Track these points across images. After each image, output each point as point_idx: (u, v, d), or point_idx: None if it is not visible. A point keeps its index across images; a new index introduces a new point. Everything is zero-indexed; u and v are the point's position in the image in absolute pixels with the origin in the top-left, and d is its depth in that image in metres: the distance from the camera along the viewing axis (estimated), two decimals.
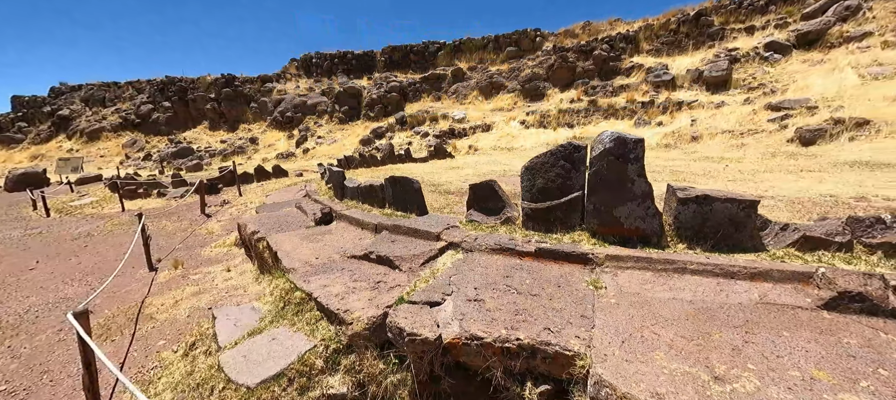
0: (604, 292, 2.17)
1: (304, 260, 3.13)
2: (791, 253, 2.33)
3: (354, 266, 2.87)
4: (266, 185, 9.46)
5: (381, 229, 3.58)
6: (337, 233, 3.85)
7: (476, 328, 1.89)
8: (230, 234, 5.75)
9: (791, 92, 12.22)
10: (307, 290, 2.50)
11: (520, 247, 2.74)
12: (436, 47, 23.55)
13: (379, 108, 21.20)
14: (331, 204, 4.80)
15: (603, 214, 2.69)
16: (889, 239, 2.24)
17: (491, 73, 20.93)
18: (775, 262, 2.20)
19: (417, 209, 3.84)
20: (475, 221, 3.39)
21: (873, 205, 3.78)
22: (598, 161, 2.61)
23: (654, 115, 15.08)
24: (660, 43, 18.61)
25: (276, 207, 5.87)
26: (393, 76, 22.99)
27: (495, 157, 13.64)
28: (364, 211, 4.23)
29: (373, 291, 2.42)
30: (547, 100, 18.95)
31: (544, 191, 2.96)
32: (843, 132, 9.02)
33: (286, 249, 3.46)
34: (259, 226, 4.48)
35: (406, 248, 3.02)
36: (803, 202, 3.97)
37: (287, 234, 3.97)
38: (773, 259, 2.27)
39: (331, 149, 18.41)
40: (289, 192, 7.49)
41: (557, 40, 21.68)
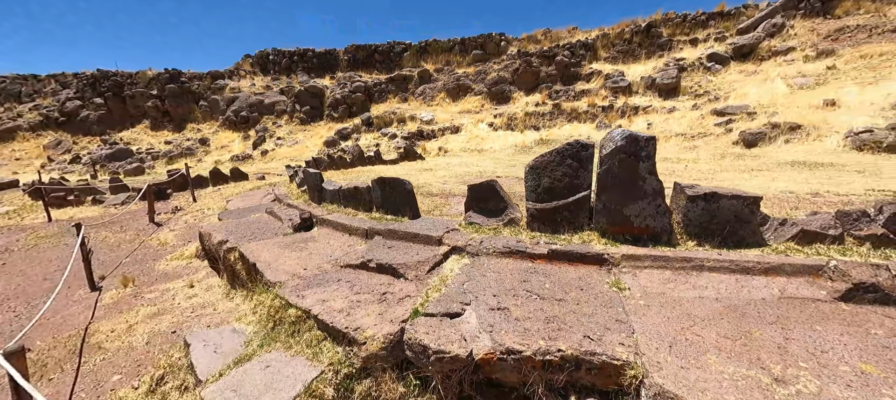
0: (629, 294, 2.11)
1: (290, 271, 2.79)
2: (792, 247, 2.42)
3: (352, 276, 2.59)
4: (224, 190, 8.65)
5: (373, 234, 3.31)
6: (321, 240, 3.52)
7: (510, 341, 1.72)
8: (188, 244, 5.12)
9: (732, 99, 13.41)
10: (303, 306, 2.19)
11: (531, 249, 2.63)
12: (401, 48, 23.19)
13: (343, 108, 20.44)
14: (308, 208, 4.41)
15: (612, 212, 2.65)
16: (874, 231, 2.39)
17: (458, 75, 20.98)
18: (783, 256, 2.26)
19: (410, 212, 3.61)
20: (475, 223, 3.23)
21: (828, 200, 4.11)
22: (609, 159, 2.56)
23: (613, 118, 15.89)
24: (616, 51, 19.71)
25: (242, 212, 5.33)
26: (357, 76, 22.30)
27: (466, 158, 13.62)
28: (349, 215, 3.92)
29: (380, 303, 2.17)
30: (513, 103, 19.32)
31: (550, 190, 2.87)
32: (779, 135, 10.01)
33: (266, 259, 3.08)
34: (227, 234, 4.00)
35: (407, 254, 2.79)
36: (769, 199, 4.26)
37: (263, 242, 3.56)
38: (778, 253, 2.33)
39: (292, 150, 17.43)
40: (253, 196, 6.87)
41: (521, 45, 22.24)
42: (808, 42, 15.02)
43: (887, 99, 9.95)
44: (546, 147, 14.80)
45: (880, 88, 10.55)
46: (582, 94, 17.83)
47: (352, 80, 21.73)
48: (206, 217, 6.50)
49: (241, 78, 23.09)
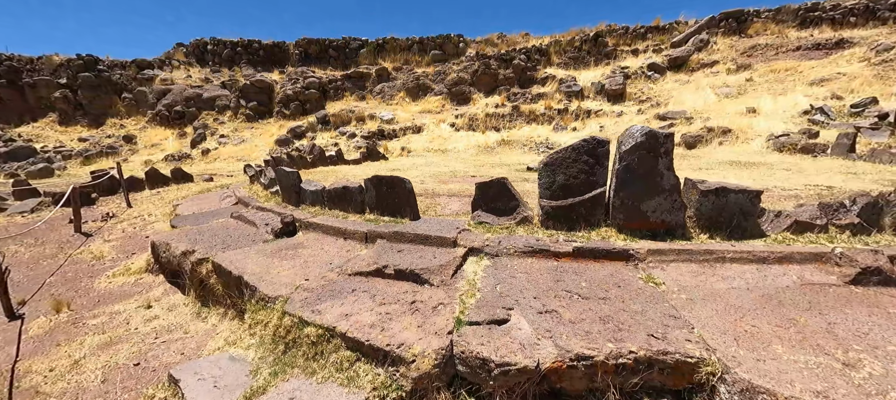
0: (666, 288, 2.11)
1: (289, 283, 2.43)
2: (788, 237, 2.61)
3: (367, 285, 2.32)
4: (166, 193, 7.58)
5: (375, 238, 3.04)
6: (312, 246, 3.15)
7: (577, 345, 1.62)
8: (133, 257, 4.36)
9: (671, 105, 14.77)
10: (324, 323, 1.90)
11: (554, 247, 2.56)
12: (357, 44, 22.35)
13: (295, 105, 19.18)
14: (288, 211, 3.97)
15: (630, 208, 2.67)
16: (852, 220, 2.66)
17: (417, 74, 20.73)
18: (788, 246, 2.42)
19: (410, 213, 3.38)
20: (485, 222, 3.10)
21: (776, 194, 4.60)
22: (629, 155, 2.58)
23: (568, 121, 16.70)
24: (567, 57, 20.80)
25: (200, 218, 4.65)
26: (310, 71, 21.06)
27: (432, 158, 13.47)
28: (339, 218, 3.58)
29: (414, 314, 1.95)
30: (473, 103, 19.53)
31: (566, 187, 2.83)
32: (714, 138, 11.19)
33: (253, 270, 2.67)
34: (191, 243, 3.44)
35: (422, 257, 2.58)
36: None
37: (241, 251, 3.10)
38: (780, 243, 2.50)
39: (239, 150, 15.96)
40: (207, 200, 6.08)
41: (479, 47, 22.59)
42: (728, 57, 17.05)
43: (795, 107, 11.60)
44: (508, 147, 15.15)
45: (789, 98, 12.27)
46: (538, 97, 18.54)
47: (304, 75, 20.50)
48: (149, 224, 5.62)
49: (175, 69, 20.68)
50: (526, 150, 14.78)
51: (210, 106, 18.92)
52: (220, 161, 14.74)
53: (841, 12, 17.53)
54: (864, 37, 14.42)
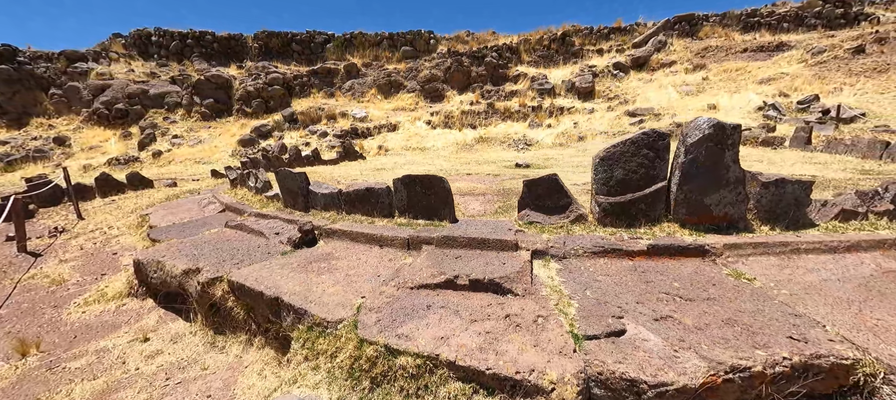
0: (761, 284, 2.04)
1: (344, 302, 2.08)
2: (837, 225, 2.67)
3: (441, 299, 2.04)
4: (123, 202, 6.60)
5: (419, 244, 2.74)
6: (344, 256, 2.78)
7: (724, 355, 1.47)
8: (103, 279, 3.68)
9: (639, 102, 15.53)
10: (419, 350, 1.60)
11: (626, 246, 2.42)
12: (323, 39, 21.26)
13: (258, 102, 17.87)
14: (298, 218, 3.52)
15: (693, 202, 2.61)
16: (886, 207, 2.79)
17: (388, 71, 20.15)
18: (847, 235, 2.47)
19: (449, 215, 3.11)
20: (536, 222, 2.92)
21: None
22: (696, 148, 2.50)
23: (542, 118, 17.02)
24: (537, 56, 21.23)
25: (185, 229, 4.03)
26: (272, 66, 19.72)
27: (413, 157, 13.13)
28: (365, 223, 3.22)
29: (518, 330, 1.71)
30: (447, 101, 19.35)
31: (624, 182, 2.72)
32: None
33: (290, 288, 2.28)
34: (191, 260, 2.92)
35: (489, 264, 2.33)
36: None
37: (262, 266, 2.66)
38: (833, 231, 2.55)
39: (197, 151, 14.56)
40: (181, 208, 5.34)
41: (450, 44, 22.42)
42: (685, 57, 18.26)
43: (749, 104, 12.62)
44: (487, 145, 15.13)
45: (742, 96, 13.34)
46: (512, 95, 18.73)
47: (267, 70, 19.17)
48: (112, 239, 4.83)
49: (113, 62, 18.46)
50: (504, 146, 14.84)
51: (158, 103, 17.11)
52: (176, 164, 13.34)
53: (776, 19, 19.41)
54: (800, 41, 16.06)
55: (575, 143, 13.83)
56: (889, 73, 11.66)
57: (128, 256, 4.24)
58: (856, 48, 13.22)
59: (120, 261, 4.11)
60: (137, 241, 4.60)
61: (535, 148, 14.08)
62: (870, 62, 12.45)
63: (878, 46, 12.86)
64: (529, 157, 10.69)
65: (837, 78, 12.44)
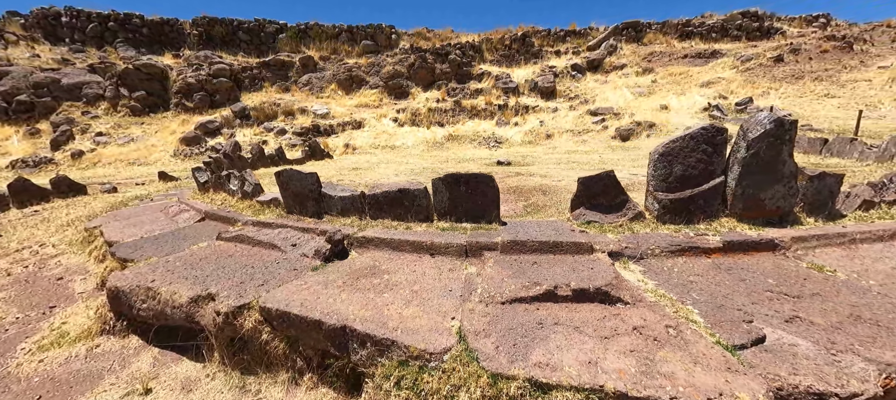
0: (845, 275, 2.07)
1: (435, 327, 1.75)
2: (861, 214, 2.87)
3: (550, 315, 1.79)
4: (51, 213, 5.37)
5: (478, 251, 2.46)
6: (393, 269, 2.41)
7: (890, 357, 1.40)
8: (54, 313, 2.89)
9: (598, 102, 16.37)
10: (574, 382, 1.34)
11: (702, 243, 2.36)
12: (274, 28, 19.62)
13: (201, 96, 16.01)
14: (315, 226, 3.04)
15: (749, 197, 2.63)
16: (893, 196, 3.05)
17: (349, 66, 19.18)
18: (884, 223, 2.63)
19: (497, 217, 2.86)
20: (594, 221, 2.77)
21: None
22: (758, 143, 2.51)
23: (509, 116, 17.27)
24: (499, 55, 21.55)
25: (160, 244, 3.29)
26: (216, 57, 17.77)
27: (384, 156, 12.61)
28: (403, 229, 2.85)
29: (661, 346, 1.53)
30: (412, 98, 18.91)
31: (683, 178, 2.67)
32: (642, 131, 12.69)
33: (356, 314, 1.88)
34: (197, 283, 2.36)
35: (574, 270, 2.13)
36: None
37: (296, 287, 2.20)
38: (865, 221, 2.72)
39: (129, 151, 12.63)
40: (140, 218, 4.44)
41: (412, 40, 21.94)
42: (634, 61, 19.65)
43: (696, 105, 13.86)
44: (457, 143, 14.99)
45: (689, 97, 14.62)
46: (477, 93, 18.80)
47: (210, 61, 17.26)
48: (49, 260, 3.88)
49: (11, 45, 15.41)
50: (475, 144, 14.82)
51: (74, 95, 14.63)
52: (104, 166, 11.46)
53: (706, 29, 21.62)
54: (730, 49, 18.02)
55: (544, 141, 14.20)
56: (804, 79, 13.48)
57: (80, 281, 3.41)
58: (776, 57, 15.12)
59: (71, 288, 3.28)
60: (90, 261, 3.73)
61: (506, 146, 14.21)
62: (788, 70, 14.31)
63: (793, 56, 14.82)
64: (506, 155, 10.72)
65: (764, 83, 14.13)
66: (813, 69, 13.72)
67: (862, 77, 12.52)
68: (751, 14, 21.86)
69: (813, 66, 13.95)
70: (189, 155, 12.58)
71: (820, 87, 12.84)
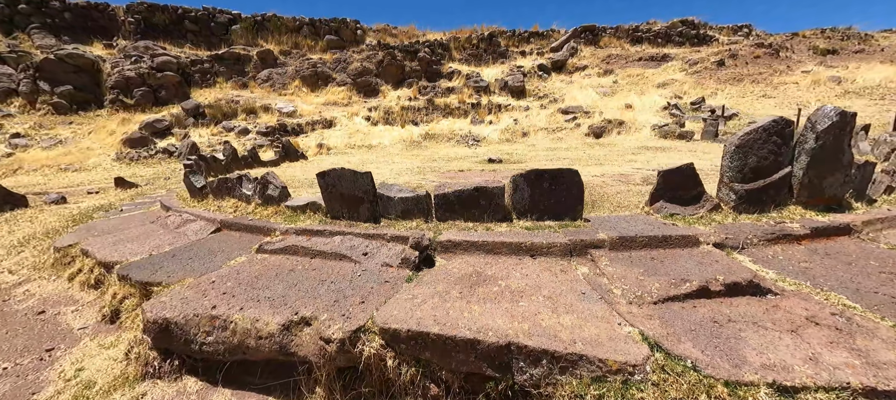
0: None
1: (612, 335, 1.58)
2: (885, 199, 3.18)
3: (715, 312, 1.72)
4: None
5: (582, 250, 2.34)
6: (503, 274, 2.20)
7: None
8: (54, 358, 2.28)
9: (567, 101, 17.05)
10: (826, 381, 1.27)
11: (791, 231, 2.45)
12: (227, 19, 17.91)
13: (143, 92, 14.17)
14: (386, 231, 2.73)
15: (813, 186, 2.79)
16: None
17: (313, 61, 18.11)
18: None
19: (581, 213, 2.76)
20: (676, 214, 2.78)
21: None
22: (825, 135, 2.67)
23: (483, 114, 17.40)
24: (467, 54, 21.64)
25: (180, 262, 2.74)
26: (159, 47, 15.81)
27: (362, 155, 12.09)
28: (483, 230, 2.65)
29: (861, 336, 1.52)
30: (383, 96, 18.35)
31: (757, 169, 2.77)
32: (613, 129, 13.42)
33: (515, 328, 1.66)
34: (274, 305, 1.97)
35: (700, 263, 2.10)
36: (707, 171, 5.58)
37: (408, 302, 1.92)
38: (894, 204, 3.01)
39: (58, 155, 10.79)
40: (125, 232, 3.70)
41: (379, 37, 21.29)
42: (594, 62, 20.77)
43: (656, 104, 14.96)
44: (435, 141, 14.77)
45: (649, 97, 15.75)
46: (449, 92, 18.71)
47: (152, 52, 15.35)
48: (11, 290, 3.11)
49: None
50: (453, 143, 14.73)
51: None
52: (28, 174, 9.69)
53: (653, 34, 23.44)
54: (677, 53, 19.72)
55: (521, 139, 14.46)
56: (744, 81, 15.13)
57: (73, 313, 2.76)
58: (718, 61, 16.82)
59: (64, 323, 2.63)
60: (74, 288, 3.05)
61: (485, 144, 14.26)
62: (729, 73, 15.98)
63: (733, 61, 16.58)
64: (489, 152, 10.71)
65: (711, 84, 15.64)
66: (750, 73, 15.45)
67: (790, 80, 14.33)
68: (688, 22, 24.06)
69: (750, 69, 15.71)
70: (136, 158, 11.07)
71: (758, 89, 14.49)
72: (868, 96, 12.25)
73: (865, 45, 15.94)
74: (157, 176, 9.25)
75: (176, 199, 4.68)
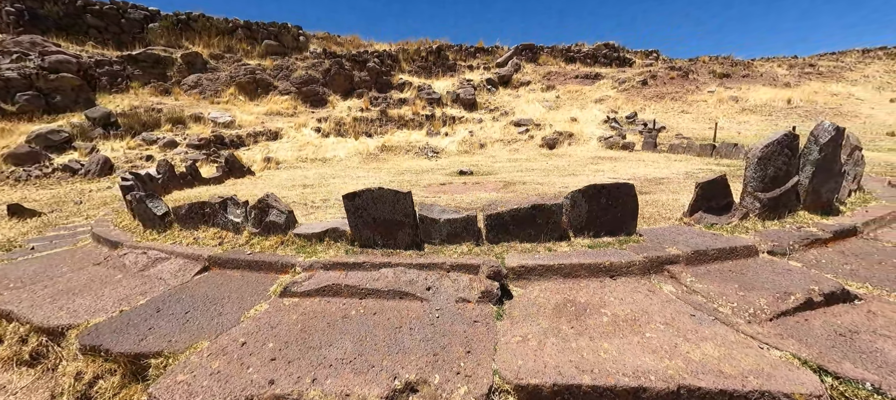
0: None
1: (772, 364, 1.50)
2: (850, 200, 3.70)
3: (836, 322, 1.73)
4: None
5: (658, 267, 2.28)
6: (594, 302, 2.03)
7: None
8: None
9: (518, 114, 17.81)
10: None
11: (818, 235, 2.68)
12: (142, 15, 15.45)
13: (30, 96, 11.51)
14: (435, 259, 2.38)
15: (815, 192, 3.11)
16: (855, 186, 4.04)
17: (251, 68, 16.49)
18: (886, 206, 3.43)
19: (634, 227, 2.73)
20: (714, 223, 2.88)
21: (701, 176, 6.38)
22: (827, 147, 2.99)
23: (437, 126, 17.38)
24: (416, 66, 21.57)
25: (164, 317, 2.08)
26: (50, 44, 13.01)
27: (320, 170, 11.22)
28: (544, 251, 2.46)
29: None
30: (331, 106, 17.37)
31: (774, 179, 3.00)
32: (564, 140, 14.28)
33: (669, 367, 1.48)
34: (354, 375, 1.55)
35: (776, 272, 2.15)
36: (678, 177, 6.16)
37: (515, 346, 1.64)
38: (862, 207, 3.51)
39: None
40: (70, 284, 2.77)
41: (324, 44, 20.21)
42: (537, 78, 22.11)
43: (596, 118, 16.32)
44: (392, 153, 14.32)
45: (589, 111, 17.14)
46: (402, 103, 18.39)
47: (42, 49, 12.63)
48: None
49: None
50: (411, 155, 14.44)
51: None
52: None
53: (582, 55, 25.77)
54: (607, 73, 21.89)
55: (479, 151, 14.67)
56: (665, 99, 17.27)
57: None
58: (642, 81, 19.01)
59: None
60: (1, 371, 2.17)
61: (444, 156, 14.18)
62: (652, 91, 18.13)
63: (653, 81, 18.86)
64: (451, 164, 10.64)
65: (639, 101, 17.58)
66: (669, 91, 17.70)
67: (700, 99, 16.71)
68: (610, 46, 26.93)
69: (668, 88, 18.00)
70: (24, 178, 8.88)
71: (676, 105, 16.63)
72: (759, 113, 14.74)
73: (749, 70, 19.31)
74: (60, 200, 7.48)
75: (118, 230, 3.72)
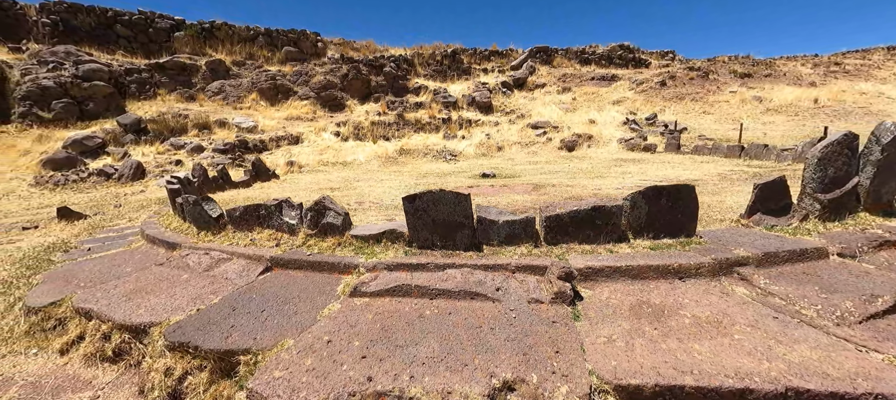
0: None
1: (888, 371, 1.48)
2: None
3: None
4: None
5: (728, 268, 2.26)
6: (669, 304, 2.03)
7: None
8: None
9: (534, 117, 17.76)
10: None
11: (888, 237, 2.62)
12: (169, 25, 15.96)
13: (65, 103, 11.98)
14: (501, 260, 2.41)
15: (876, 193, 3.04)
16: None
17: (272, 74, 16.84)
18: None
19: (694, 228, 2.71)
20: (774, 225, 2.84)
21: (735, 177, 6.28)
22: (889, 147, 2.92)
23: (454, 129, 17.45)
24: (431, 70, 21.72)
25: (238, 315, 2.14)
26: (84, 53, 13.55)
27: (342, 173, 11.37)
28: (606, 253, 2.46)
29: None
30: (349, 111, 17.61)
31: (834, 180, 2.95)
32: (583, 142, 14.19)
33: (784, 372, 1.48)
34: (449, 374, 1.58)
35: (852, 273, 2.12)
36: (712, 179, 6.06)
37: (601, 347, 1.65)
38: None
39: None
40: (139, 283, 2.89)
41: (341, 50, 20.52)
42: (552, 81, 22.03)
43: (615, 119, 16.17)
44: (411, 157, 14.42)
45: (607, 113, 16.99)
46: (418, 107, 18.53)
47: (76, 58, 13.14)
48: None
49: None
50: (429, 158, 14.52)
51: None
52: None
53: (597, 56, 25.58)
54: (623, 74, 21.67)
55: (496, 153, 14.68)
56: (685, 100, 17.01)
57: None
58: (661, 82, 18.77)
59: None
60: (72, 364, 2.27)
61: (462, 158, 14.22)
62: (672, 92, 17.88)
63: (672, 81, 18.60)
64: (471, 167, 10.67)
65: (658, 102, 17.35)
66: (689, 92, 17.44)
67: (722, 99, 16.41)
68: (625, 47, 26.67)
69: (687, 89, 17.73)
70: (62, 183, 9.23)
71: (697, 106, 16.36)
72: (785, 113, 14.41)
73: (772, 69, 18.90)
74: (98, 203, 7.76)
75: (171, 231, 3.85)
